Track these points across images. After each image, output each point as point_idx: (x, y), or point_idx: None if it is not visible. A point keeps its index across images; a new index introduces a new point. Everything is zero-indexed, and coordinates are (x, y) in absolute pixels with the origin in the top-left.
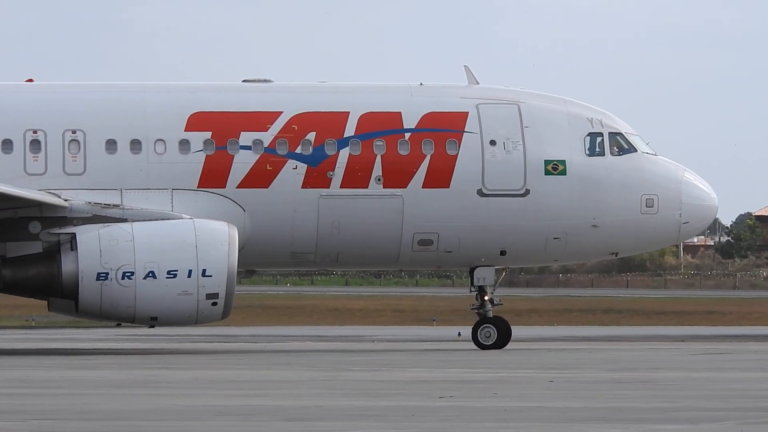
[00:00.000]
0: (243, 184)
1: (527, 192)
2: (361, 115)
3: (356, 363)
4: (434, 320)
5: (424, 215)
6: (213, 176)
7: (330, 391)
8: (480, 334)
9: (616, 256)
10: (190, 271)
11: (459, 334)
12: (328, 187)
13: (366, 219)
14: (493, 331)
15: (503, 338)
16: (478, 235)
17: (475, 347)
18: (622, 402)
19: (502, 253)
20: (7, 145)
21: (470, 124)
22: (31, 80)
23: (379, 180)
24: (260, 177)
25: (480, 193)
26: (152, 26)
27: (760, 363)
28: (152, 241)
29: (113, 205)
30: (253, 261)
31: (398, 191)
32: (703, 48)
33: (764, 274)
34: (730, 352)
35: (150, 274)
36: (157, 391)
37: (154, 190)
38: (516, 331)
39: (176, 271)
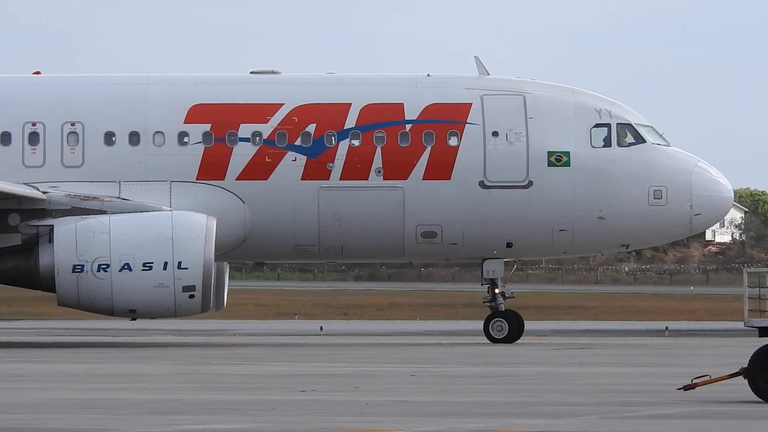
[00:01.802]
0: (242, 176)
1: (530, 183)
2: (362, 107)
3: (217, 357)
4: (296, 314)
5: (426, 207)
6: (212, 168)
7: (191, 384)
8: (492, 327)
9: (628, 248)
10: (165, 264)
11: (321, 329)
12: (328, 179)
13: (367, 211)
14: (505, 324)
15: (515, 332)
16: (482, 228)
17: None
18: (483, 396)
19: (509, 245)
20: (6, 137)
21: (473, 116)
22: (38, 73)
23: (380, 172)
24: (259, 169)
25: (482, 184)
26: (168, 17)
27: (621, 358)
28: (128, 233)
29: (92, 198)
30: (257, 253)
31: (399, 183)
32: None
33: (626, 269)
34: (591, 346)
35: (125, 267)
36: (18, 385)
37: (153, 182)
38: (377, 325)
39: (152, 263)
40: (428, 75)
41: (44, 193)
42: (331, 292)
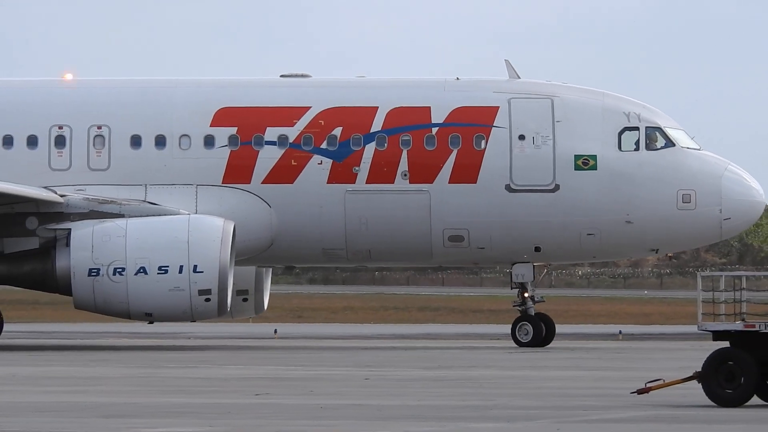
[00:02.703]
0: (268, 180)
1: (557, 187)
2: (389, 110)
3: (172, 360)
4: (250, 317)
5: (453, 211)
6: (237, 172)
7: (146, 388)
8: (518, 331)
9: (657, 253)
10: (181, 267)
11: (275, 332)
12: (354, 183)
13: (393, 215)
14: (531, 328)
15: (545, 335)
16: (509, 231)
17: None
18: (437, 400)
19: (537, 249)
20: (32, 140)
21: (500, 119)
22: (69, 75)
23: (405, 175)
24: (285, 172)
25: (508, 188)
26: (201, 20)
27: (575, 361)
28: (144, 237)
29: (110, 201)
30: (285, 257)
31: (425, 187)
32: None
33: (580, 272)
34: (545, 350)
35: (141, 270)
36: None
37: (179, 185)
38: (331, 328)
39: (167, 267)
40: (457, 78)
41: (62, 196)
42: (285, 295)
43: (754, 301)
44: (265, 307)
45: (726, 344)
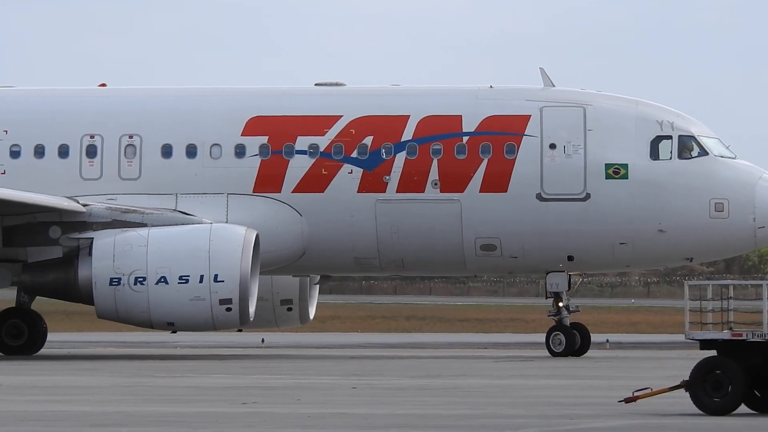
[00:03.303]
0: (298, 189)
1: (588, 196)
2: (420, 119)
3: (159, 369)
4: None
5: (484, 220)
6: (268, 181)
7: (133, 397)
8: (552, 341)
9: (691, 261)
10: (201, 277)
11: (263, 341)
12: (385, 192)
13: (424, 224)
14: (564, 338)
15: (579, 345)
16: (541, 241)
17: (550, 352)
18: (425, 409)
19: (570, 258)
20: (64, 150)
21: (531, 127)
22: (104, 85)
23: (436, 184)
24: (315, 181)
25: (539, 197)
26: (239, 31)
27: (562, 370)
28: (165, 246)
29: (132, 210)
30: (318, 266)
31: (455, 196)
32: None
33: None
34: (532, 359)
35: (162, 280)
36: None
37: (210, 194)
38: (318, 337)
39: (188, 276)
40: (491, 86)
41: (84, 206)
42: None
43: (741, 310)
44: (311, 316)
45: (713, 353)
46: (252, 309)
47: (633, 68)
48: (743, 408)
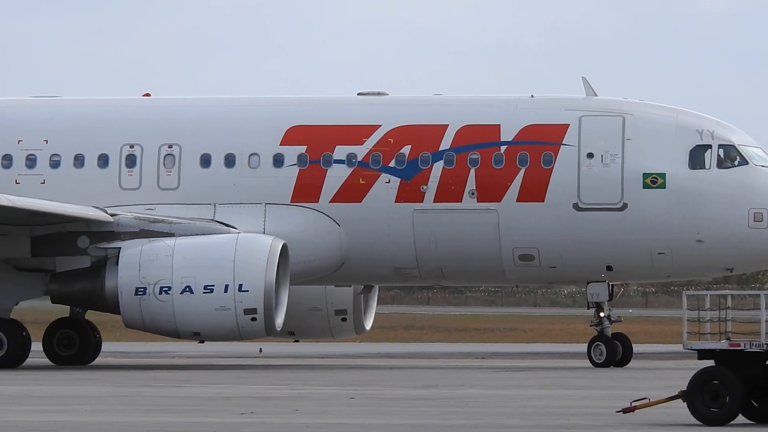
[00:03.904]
0: (336, 199)
1: (625, 206)
2: (459, 128)
3: (158, 379)
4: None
5: (521, 229)
6: (306, 191)
7: (132, 407)
8: (593, 351)
9: (732, 272)
10: (226, 286)
11: (260, 351)
12: (422, 202)
13: (462, 234)
14: (604, 348)
15: (621, 356)
16: (579, 251)
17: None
18: (423, 419)
19: (609, 268)
20: (103, 159)
21: (569, 137)
22: (148, 95)
23: (473, 194)
24: (353, 191)
25: (576, 207)
26: (285, 40)
27: (559, 380)
28: (191, 255)
29: (161, 220)
30: (358, 276)
31: (492, 205)
32: None
33: (565, 291)
34: (530, 369)
35: (187, 289)
36: None
37: (248, 204)
38: (315, 348)
39: (213, 285)
40: (532, 96)
41: (112, 215)
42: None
43: (739, 320)
44: (368, 327)
45: (711, 363)
46: (280, 319)
47: (686, 77)
48: (741, 418)
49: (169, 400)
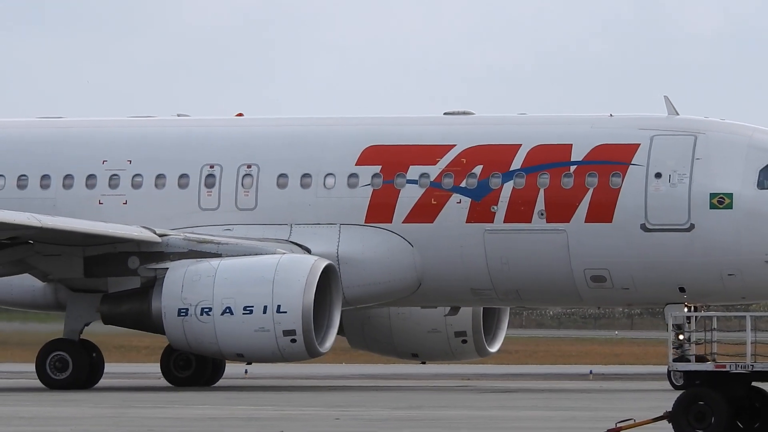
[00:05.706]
0: (408, 219)
1: (692, 227)
2: (531, 148)
3: (142, 400)
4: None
5: (591, 251)
6: (379, 211)
7: (116, 428)
8: (673, 374)
9: None
10: (265, 308)
11: (246, 372)
12: (492, 222)
13: (533, 255)
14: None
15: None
16: (648, 272)
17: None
18: None
19: (681, 290)
20: (184, 179)
21: (638, 156)
22: (241, 114)
23: (542, 214)
24: (425, 211)
25: (644, 227)
26: (376, 58)
27: (545, 401)
28: (232, 277)
29: (209, 241)
30: (437, 298)
31: (561, 226)
32: None
33: (550, 312)
34: (515, 390)
35: (227, 310)
36: None
37: (324, 225)
38: (301, 368)
39: (252, 307)
40: (611, 115)
41: (161, 236)
42: None
43: (724, 342)
44: (493, 350)
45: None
46: (329, 342)
47: None
48: None
49: (153, 421)
